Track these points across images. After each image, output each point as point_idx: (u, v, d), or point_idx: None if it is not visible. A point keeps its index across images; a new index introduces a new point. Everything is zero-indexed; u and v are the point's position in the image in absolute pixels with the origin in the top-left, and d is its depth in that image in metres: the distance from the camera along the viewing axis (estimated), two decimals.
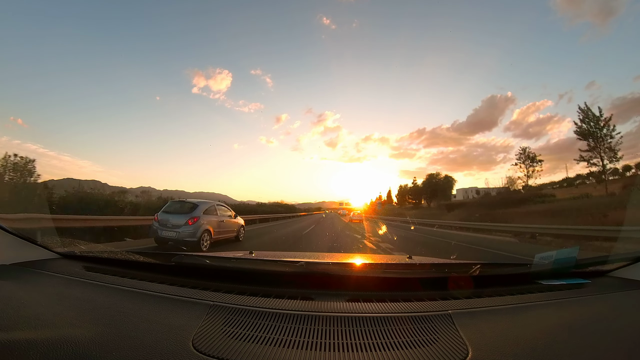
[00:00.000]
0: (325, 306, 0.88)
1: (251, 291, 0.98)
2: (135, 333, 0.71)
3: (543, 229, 12.12)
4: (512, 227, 14.20)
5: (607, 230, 9.41)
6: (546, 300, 0.97)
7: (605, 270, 1.24)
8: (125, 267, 1.25)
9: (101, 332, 0.71)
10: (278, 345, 0.69)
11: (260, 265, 1.36)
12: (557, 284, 1.10)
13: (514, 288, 1.06)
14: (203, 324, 0.77)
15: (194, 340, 0.69)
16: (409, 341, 0.72)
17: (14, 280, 1.01)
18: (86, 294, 0.94)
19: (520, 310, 0.89)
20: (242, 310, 0.84)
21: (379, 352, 0.68)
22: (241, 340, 0.71)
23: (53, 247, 1.34)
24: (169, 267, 1.17)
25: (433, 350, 0.69)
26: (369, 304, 0.89)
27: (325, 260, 1.67)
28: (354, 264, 1.42)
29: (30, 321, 0.72)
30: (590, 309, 0.93)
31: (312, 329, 0.76)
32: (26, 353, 0.61)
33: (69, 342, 0.65)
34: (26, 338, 0.65)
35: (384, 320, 0.80)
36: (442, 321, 0.80)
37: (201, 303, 0.88)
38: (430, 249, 8.82)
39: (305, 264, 1.14)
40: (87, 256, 1.35)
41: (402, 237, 12.43)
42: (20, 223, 5.64)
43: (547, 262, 1.20)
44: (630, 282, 1.12)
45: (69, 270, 1.15)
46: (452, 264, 1.47)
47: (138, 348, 0.65)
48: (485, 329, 0.76)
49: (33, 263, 1.20)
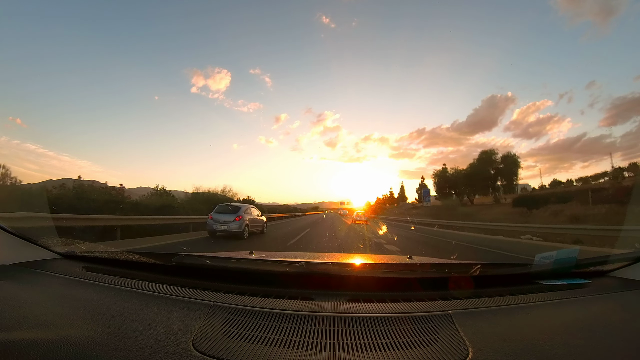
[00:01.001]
0: (325, 306, 0.88)
1: (251, 291, 0.97)
2: (136, 333, 0.71)
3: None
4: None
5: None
6: (546, 301, 0.97)
7: (605, 271, 1.24)
8: (126, 267, 1.25)
9: (101, 332, 0.70)
10: (278, 346, 0.69)
11: (261, 265, 1.36)
12: (558, 284, 1.10)
13: (514, 288, 1.06)
14: (203, 324, 0.77)
15: (194, 340, 0.69)
16: (409, 341, 0.72)
17: (14, 280, 1.01)
18: (86, 294, 0.94)
19: (520, 310, 0.89)
20: (243, 310, 0.84)
21: (379, 352, 0.68)
22: (241, 341, 0.71)
23: (53, 247, 1.34)
24: (169, 268, 1.17)
25: (433, 350, 0.68)
26: (369, 304, 0.89)
27: (325, 260, 1.67)
28: (354, 264, 1.42)
29: (31, 321, 0.72)
30: (591, 309, 0.93)
31: (312, 329, 0.76)
32: (26, 353, 0.61)
33: (70, 342, 0.65)
34: (26, 338, 0.65)
35: (384, 320, 0.80)
36: (442, 321, 0.80)
37: (201, 303, 0.88)
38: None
39: (305, 264, 1.14)
40: (88, 256, 1.35)
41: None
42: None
43: (547, 262, 1.20)
44: (630, 282, 1.12)
45: (69, 270, 1.15)
46: (453, 264, 1.47)
47: (138, 348, 0.65)
48: (486, 329, 0.76)
49: (33, 263, 1.20)
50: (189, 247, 7.56)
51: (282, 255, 1.76)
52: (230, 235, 9.21)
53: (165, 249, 8.01)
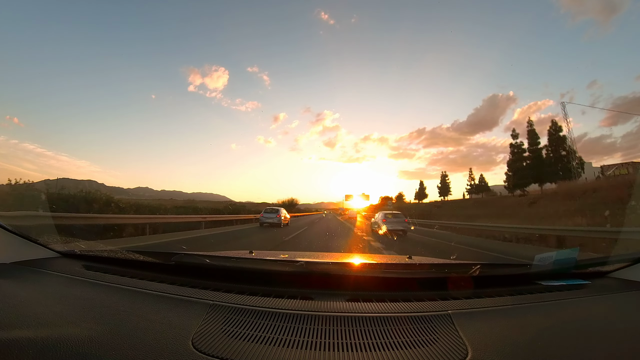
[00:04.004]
0: (324, 306, 0.88)
1: (251, 290, 0.98)
2: (135, 332, 0.71)
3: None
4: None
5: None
6: (546, 301, 0.97)
7: (605, 271, 1.24)
8: (125, 266, 1.25)
9: (101, 331, 0.71)
10: (278, 345, 0.69)
11: (260, 264, 1.36)
12: (557, 284, 1.10)
13: (514, 289, 1.06)
14: (203, 323, 0.77)
15: (194, 339, 0.69)
16: (409, 341, 0.72)
17: (14, 279, 1.01)
18: (86, 293, 0.94)
19: (519, 311, 0.89)
20: (242, 309, 0.84)
21: (379, 352, 0.68)
22: (241, 340, 0.71)
23: (53, 246, 1.34)
24: (169, 266, 1.17)
25: (432, 350, 0.69)
26: (368, 304, 0.89)
27: (325, 260, 1.67)
28: (354, 264, 1.42)
29: (30, 320, 0.72)
30: (590, 310, 0.93)
31: (311, 329, 0.76)
32: (26, 352, 0.61)
33: (69, 340, 0.65)
34: (26, 337, 0.65)
35: (383, 320, 0.80)
36: (441, 321, 0.80)
37: (201, 302, 0.88)
38: None
39: (305, 264, 1.14)
40: (87, 255, 1.35)
41: None
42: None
43: (546, 263, 1.19)
44: (630, 284, 1.12)
45: (68, 269, 1.15)
46: (452, 264, 1.47)
47: (138, 347, 0.65)
48: (485, 330, 0.76)
49: (33, 262, 1.20)
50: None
51: (282, 255, 1.76)
52: (274, 225, 16.23)
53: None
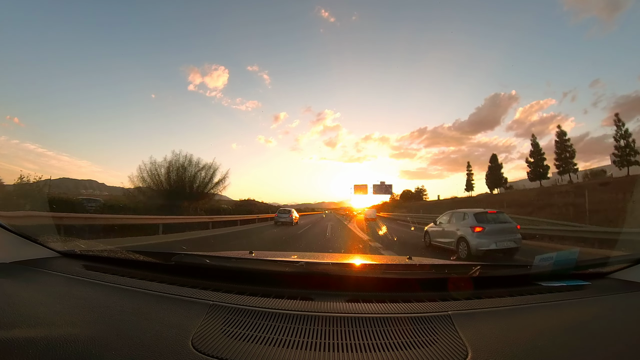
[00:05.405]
0: (324, 306, 0.88)
1: (251, 291, 0.98)
2: (135, 332, 0.71)
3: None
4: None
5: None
6: (546, 302, 0.97)
7: (605, 272, 1.23)
8: (125, 266, 1.25)
9: (101, 331, 0.71)
10: (277, 345, 0.69)
11: (260, 265, 1.36)
12: (557, 285, 1.10)
13: (514, 289, 1.06)
14: (202, 323, 0.77)
15: (194, 339, 0.69)
16: (409, 342, 0.72)
17: (14, 278, 1.01)
18: (86, 293, 0.94)
19: (519, 312, 0.89)
20: (242, 310, 0.84)
21: (379, 352, 0.68)
22: (240, 340, 0.71)
23: (53, 246, 1.34)
24: (169, 267, 1.17)
25: (432, 351, 0.69)
26: (368, 305, 0.89)
27: (325, 260, 1.67)
28: (354, 265, 1.42)
29: (30, 320, 0.72)
30: (590, 310, 0.93)
31: (311, 329, 0.76)
32: (26, 351, 0.61)
33: (69, 340, 0.65)
34: (26, 336, 0.65)
35: (383, 320, 0.80)
36: (441, 322, 0.80)
37: (201, 302, 0.88)
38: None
39: (305, 264, 1.14)
40: (87, 255, 1.35)
41: None
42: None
43: (547, 264, 1.19)
44: (630, 284, 1.12)
45: (69, 269, 1.15)
46: (452, 265, 1.47)
47: (137, 347, 0.65)
48: (485, 330, 0.76)
49: (33, 262, 1.20)
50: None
51: (282, 255, 1.76)
52: (287, 223, 19.10)
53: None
